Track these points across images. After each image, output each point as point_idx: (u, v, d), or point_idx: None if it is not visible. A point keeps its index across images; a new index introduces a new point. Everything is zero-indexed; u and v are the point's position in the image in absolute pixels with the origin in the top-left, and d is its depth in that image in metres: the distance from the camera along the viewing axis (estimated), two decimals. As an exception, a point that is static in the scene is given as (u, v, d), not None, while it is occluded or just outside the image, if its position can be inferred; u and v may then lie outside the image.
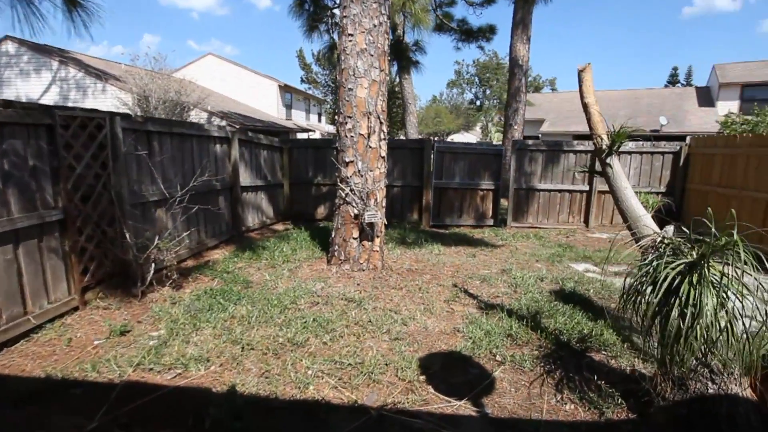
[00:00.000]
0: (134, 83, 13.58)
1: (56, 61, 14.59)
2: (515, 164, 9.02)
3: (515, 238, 7.90)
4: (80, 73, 14.61)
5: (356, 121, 4.78)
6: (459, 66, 58.74)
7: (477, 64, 56.52)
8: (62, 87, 14.56)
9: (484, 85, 57.14)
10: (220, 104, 20.66)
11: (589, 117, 3.06)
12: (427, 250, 6.53)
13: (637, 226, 2.89)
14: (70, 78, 14.59)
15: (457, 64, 56.59)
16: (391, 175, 9.19)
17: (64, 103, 14.63)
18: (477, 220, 9.33)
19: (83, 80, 14.51)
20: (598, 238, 8.17)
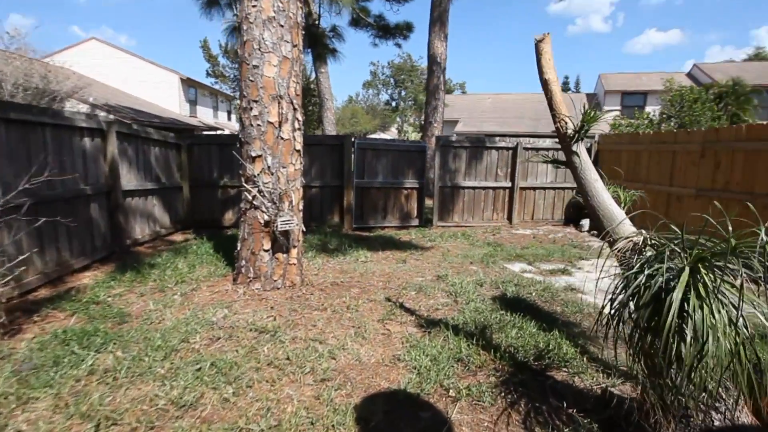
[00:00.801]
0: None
1: None
2: (439, 161, 8.65)
3: (443, 238, 7.50)
4: None
5: (264, 106, 3.88)
6: (374, 67, 58.99)
7: (392, 66, 57.15)
8: None
9: (399, 86, 57.99)
10: (107, 96, 17.93)
11: (550, 96, 2.56)
12: (353, 258, 5.79)
13: (612, 226, 2.42)
14: None
15: (373, 65, 56.85)
16: (308, 174, 8.32)
17: None
18: (402, 221, 8.82)
19: None
20: (523, 235, 8.09)
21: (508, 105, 29.68)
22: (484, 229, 8.55)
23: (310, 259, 5.61)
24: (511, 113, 28.62)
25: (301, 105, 4.20)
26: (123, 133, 5.96)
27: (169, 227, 7.69)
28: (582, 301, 4.31)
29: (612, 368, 3.04)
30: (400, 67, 56.82)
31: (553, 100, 2.52)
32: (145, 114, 17.88)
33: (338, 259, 5.70)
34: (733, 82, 17.97)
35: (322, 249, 6.26)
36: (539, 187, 9.05)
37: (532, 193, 9.08)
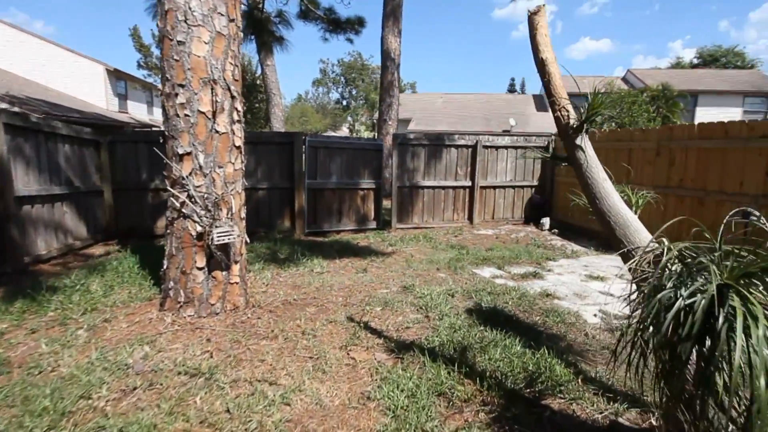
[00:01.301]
0: None
1: None
2: (397, 160, 8.20)
3: (404, 242, 7.04)
4: None
5: (193, 92, 3.19)
6: (324, 65, 57.91)
7: (342, 64, 56.32)
8: None
9: (350, 85, 57.28)
10: (10, 86, 15.86)
11: (547, 79, 2.12)
12: (307, 269, 5.16)
13: (626, 234, 2.01)
14: None
15: (323, 63, 55.58)
16: (254, 175, 7.57)
17: None
18: (359, 224, 8.28)
19: None
20: (486, 235, 7.82)
21: (459, 105, 30.00)
22: (445, 230, 8.19)
23: (258, 272, 4.92)
24: (462, 113, 28.92)
25: (240, 93, 3.53)
26: (15, 126, 4.94)
27: (87, 239, 6.64)
28: (561, 309, 3.99)
29: (609, 389, 2.69)
30: (351, 66, 56.13)
31: (552, 83, 2.08)
32: (61, 108, 16.00)
33: (290, 271, 5.05)
34: (662, 87, 19.08)
35: (272, 259, 5.57)
36: (499, 186, 8.85)
37: (492, 192, 8.86)
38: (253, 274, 4.83)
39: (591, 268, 5.60)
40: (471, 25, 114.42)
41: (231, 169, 3.42)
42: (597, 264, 5.83)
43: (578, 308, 4.07)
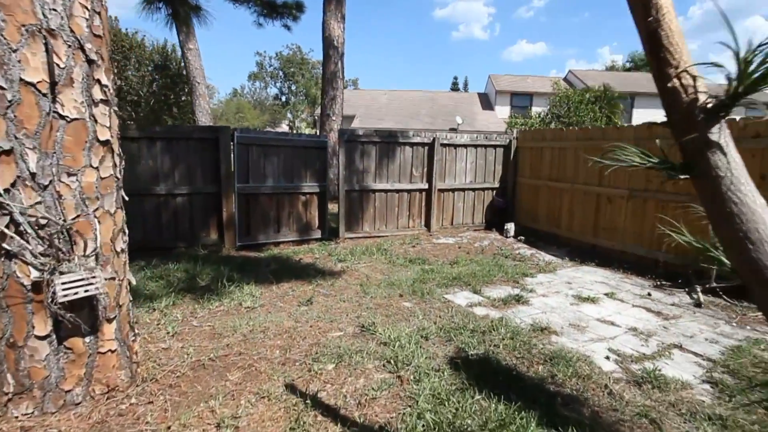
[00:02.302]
0: None
1: None
2: (344, 160, 7.12)
3: (356, 255, 5.99)
4: None
5: (9, 47, 1.92)
6: (261, 57, 55.24)
7: (281, 57, 53.93)
8: None
9: (289, 80, 54.96)
10: None
11: (661, 34, 1.14)
12: (234, 302, 3.95)
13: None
14: None
15: (259, 56, 52.99)
16: (170, 178, 6.18)
17: None
18: (301, 233, 7.11)
19: None
20: (447, 245, 6.97)
21: (404, 102, 29.39)
22: (401, 239, 7.25)
23: (164, 313, 3.64)
24: (408, 110, 28.33)
25: (109, 59, 2.29)
26: None
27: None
28: (565, 351, 3.15)
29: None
30: (290, 59, 53.89)
31: (668, 38, 1.12)
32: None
33: (211, 307, 3.82)
34: (604, 88, 19.57)
35: (188, 289, 4.28)
36: (458, 188, 8.06)
37: (451, 195, 8.05)
38: (156, 315, 3.55)
39: (575, 285, 4.89)
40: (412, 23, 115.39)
41: (92, 177, 2.16)
42: (579, 280, 5.14)
43: (583, 348, 3.26)
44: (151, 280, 4.48)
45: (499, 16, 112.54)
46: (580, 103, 16.96)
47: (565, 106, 17.53)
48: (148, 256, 5.79)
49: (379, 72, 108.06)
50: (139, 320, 3.39)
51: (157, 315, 3.57)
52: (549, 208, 7.55)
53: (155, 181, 6.15)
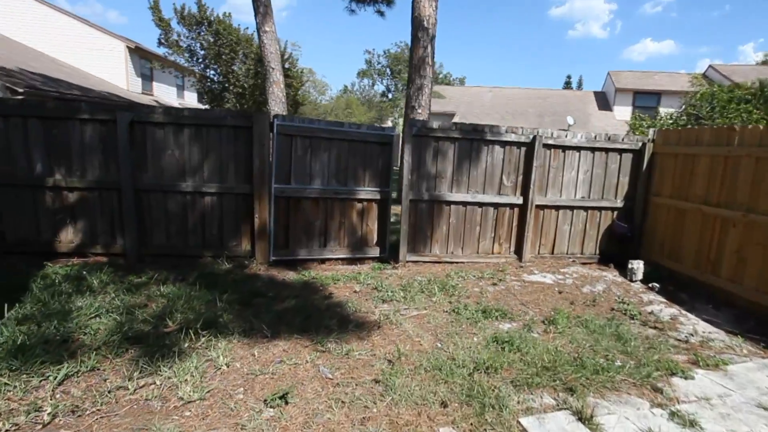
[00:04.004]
0: None
1: None
2: (412, 160, 5.41)
3: (409, 293, 4.27)
4: None
5: None
6: (370, 55, 55.54)
7: (389, 55, 53.60)
8: None
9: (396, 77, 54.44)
10: (9, 57, 14.35)
11: None
12: (172, 382, 2.45)
13: None
14: None
15: (368, 53, 53.03)
16: (198, 172, 5.11)
17: None
18: (354, 250, 5.60)
19: None
20: (541, 285, 4.88)
21: (510, 100, 26.51)
22: (479, 270, 5.32)
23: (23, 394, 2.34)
24: (513, 108, 25.46)
25: None
26: None
27: (-67, 257, 4.38)
28: None
29: None
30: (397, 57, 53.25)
31: None
32: (62, 83, 14.37)
33: (128, 388, 2.40)
34: (760, 84, 14.87)
35: (136, 337, 2.97)
36: (565, 205, 5.85)
37: (554, 214, 5.87)
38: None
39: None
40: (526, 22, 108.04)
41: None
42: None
43: None
44: (106, 313, 3.25)
45: (621, 13, 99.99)
46: (729, 102, 12.98)
47: (708, 106, 13.61)
48: (168, 265, 4.77)
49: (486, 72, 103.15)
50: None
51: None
52: (701, 243, 5.01)
53: (181, 176, 5.11)
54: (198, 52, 18.62)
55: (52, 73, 15.45)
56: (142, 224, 5.15)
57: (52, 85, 13.60)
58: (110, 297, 3.63)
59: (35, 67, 15.22)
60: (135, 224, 5.07)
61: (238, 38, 18.65)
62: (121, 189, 4.99)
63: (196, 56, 19.07)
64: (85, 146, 4.99)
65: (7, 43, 16.78)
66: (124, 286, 3.98)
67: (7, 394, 2.23)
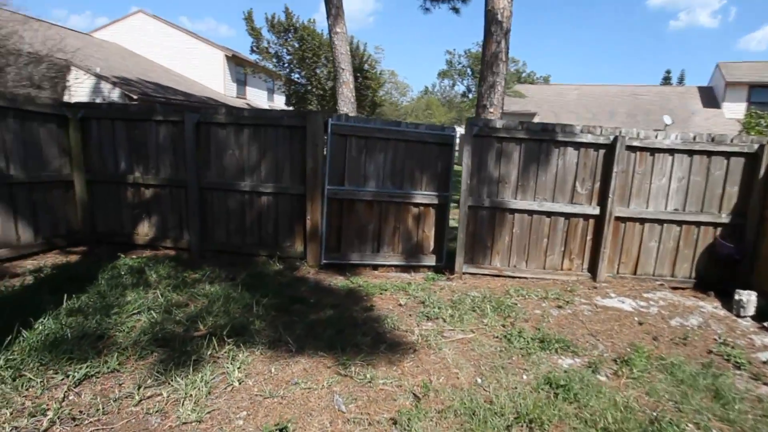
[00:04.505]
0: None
1: None
2: (471, 163, 4.86)
3: (459, 311, 3.78)
4: None
5: None
6: (451, 56, 54.45)
7: (469, 55, 52.08)
8: None
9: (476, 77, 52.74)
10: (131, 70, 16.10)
11: None
12: (177, 396, 2.28)
13: None
14: None
15: (449, 54, 52.02)
16: (256, 172, 5.07)
17: None
18: (409, 257, 5.21)
19: None
20: (617, 313, 4.06)
21: (598, 98, 24.10)
22: (543, 288, 4.62)
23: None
24: (601, 107, 23.09)
25: None
26: None
27: (33, 244, 4.84)
28: None
29: None
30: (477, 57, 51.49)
31: None
32: (169, 90, 15.81)
33: (131, 398, 2.29)
34: None
35: (168, 338, 2.89)
36: (652, 218, 4.87)
37: (638, 228, 4.93)
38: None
39: None
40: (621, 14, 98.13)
41: None
42: None
43: None
44: (147, 311, 3.23)
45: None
46: None
47: None
48: (225, 263, 4.81)
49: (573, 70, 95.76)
50: None
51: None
52: None
53: (240, 176, 5.11)
54: (284, 57, 19.45)
55: (163, 81, 17.07)
56: (204, 221, 5.26)
57: (161, 91, 14.99)
58: (158, 293, 3.66)
59: (151, 76, 16.93)
60: (198, 221, 5.19)
61: (320, 43, 19.14)
62: (186, 186, 5.13)
63: (283, 61, 19.94)
64: (159, 146, 5.20)
65: (132, 57, 18.92)
66: (175, 282, 4.02)
67: (27, 390, 2.21)
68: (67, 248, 5.19)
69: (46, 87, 10.76)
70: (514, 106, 22.84)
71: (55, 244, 5.12)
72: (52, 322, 2.87)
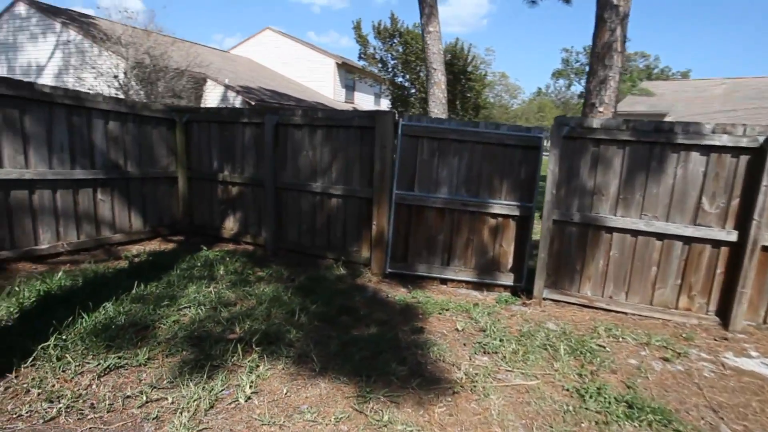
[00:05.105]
0: (134, 46, 10.97)
1: (59, 22, 12.74)
2: (559, 169, 4.05)
3: (522, 348, 3.09)
4: (79, 36, 12.56)
5: None
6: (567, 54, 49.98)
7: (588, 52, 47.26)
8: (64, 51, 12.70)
9: (594, 76, 47.54)
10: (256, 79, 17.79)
11: None
12: (185, 413, 2.17)
13: None
14: (71, 41, 12.64)
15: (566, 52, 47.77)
16: (327, 174, 4.97)
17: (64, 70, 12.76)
18: (482, 273, 4.60)
19: (82, 44, 12.45)
20: (758, 382, 2.92)
21: (753, 93, 19.53)
22: (645, 330, 3.61)
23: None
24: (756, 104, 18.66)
25: None
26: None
27: (142, 231, 5.43)
28: None
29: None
30: (599, 53, 46.30)
31: None
32: (284, 96, 17.11)
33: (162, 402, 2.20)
34: None
35: (204, 355, 2.83)
36: (827, 251, 3.48)
37: (802, 263, 3.57)
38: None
39: None
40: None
41: None
42: None
43: None
44: (197, 305, 3.25)
45: None
46: None
47: None
48: (293, 262, 4.84)
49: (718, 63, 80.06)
50: None
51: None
52: None
53: (313, 176, 5.06)
54: (389, 61, 19.71)
55: (280, 89, 18.58)
56: (279, 220, 5.33)
57: (276, 98, 16.29)
58: (216, 289, 3.70)
59: (271, 85, 18.56)
60: (273, 219, 5.27)
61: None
62: (264, 185, 5.25)
63: (387, 66, 20.22)
64: (244, 147, 5.42)
65: (258, 69, 21.04)
66: (237, 279, 4.07)
67: (63, 372, 2.29)
68: (168, 237, 5.73)
69: (185, 97, 12.40)
70: (639, 106, 19.79)
71: (159, 233, 5.69)
72: (112, 308, 3.04)
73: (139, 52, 10.71)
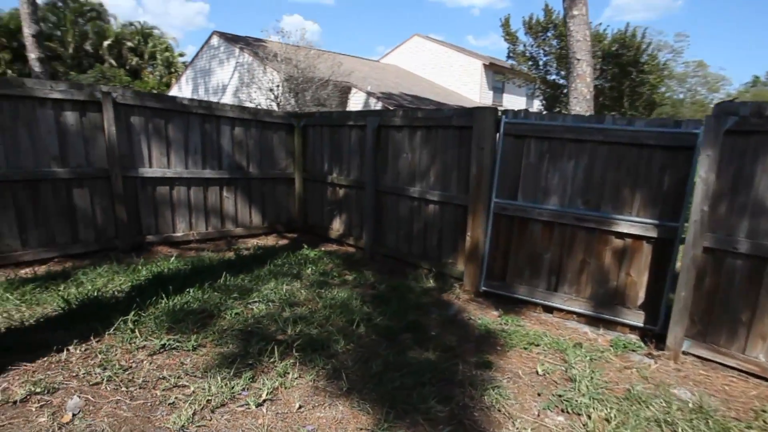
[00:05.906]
0: (287, 62, 12.82)
1: (237, 48, 15.54)
2: (714, 176, 2.99)
3: (622, 414, 2.35)
4: (250, 58, 15.08)
5: None
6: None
7: None
8: (240, 71, 15.45)
9: None
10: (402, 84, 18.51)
11: None
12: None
13: None
14: (245, 63, 15.29)
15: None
16: (425, 177, 4.82)
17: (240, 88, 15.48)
18: (599, 307, 3.78)
19: (252, 64, 14.93)
20: None
21: None
22: None
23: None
24: None
25: None
26: (126, 106, 4.61)
27: (260, 227, 6.15)
28: None
29: None
30: None
31: None
32: (424, 100, 17.39)
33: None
34: None
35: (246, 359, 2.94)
36: None
37: None
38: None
39: None
40: None
41: None
42: None
43: None
44: (266, 302, 3.43)
45: None
46: None
47: None
48: (386, 269, 4.85)
49: None
50: None
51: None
52: None
53: (411, 180, 4.95)
54: (540, 58, 18.20)
55: (423, 93, 19.00)
56: (379, 224, 5.34)
57: (416, 102, 16.70)
58: (295, 287, 3.89)
59: (413, 90, 19.15)
60: (372, 223, 5.32)
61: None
62: (365, 189, 5.34)
63: (538, 63, 18.70)
64: (350, 149, 5.63)
65: (404, 75, 21.97)
66: (321, 280, 4.20)
67: (129, 344, 2.68)
68: (284, 233, 6.34)
69: (328, 105, 13.71)
70: None
71: (276, 229, 6.34)
72: (192, 293, 3.45)
73: (290, 66, 12.35)
